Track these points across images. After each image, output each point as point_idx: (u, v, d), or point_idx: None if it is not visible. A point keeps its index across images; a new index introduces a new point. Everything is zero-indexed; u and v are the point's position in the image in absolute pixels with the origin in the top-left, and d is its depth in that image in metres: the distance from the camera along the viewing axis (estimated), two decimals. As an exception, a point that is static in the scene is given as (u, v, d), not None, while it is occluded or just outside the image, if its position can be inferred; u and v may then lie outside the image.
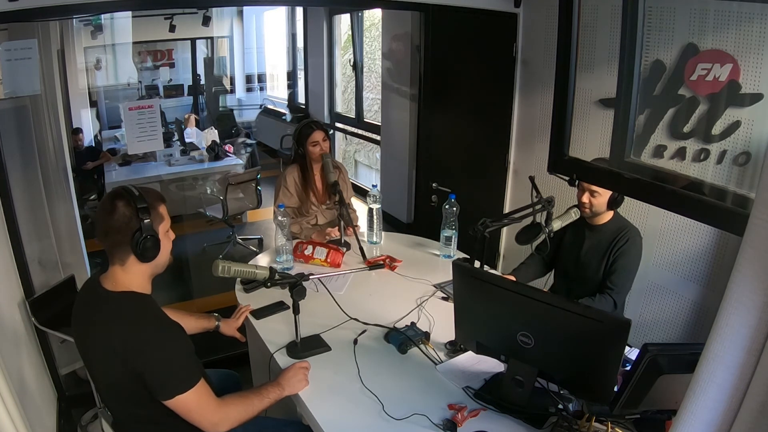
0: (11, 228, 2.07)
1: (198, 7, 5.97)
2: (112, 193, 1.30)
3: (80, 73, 5.92)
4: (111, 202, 1.28)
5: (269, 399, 1.44)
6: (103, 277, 1.35)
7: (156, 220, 1.31)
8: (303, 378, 1.50)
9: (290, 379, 1.48)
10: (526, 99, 2.87)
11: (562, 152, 1.69)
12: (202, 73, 7.60)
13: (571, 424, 1.29)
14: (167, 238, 1.37)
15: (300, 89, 7.27)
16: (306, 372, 1.52)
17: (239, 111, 7.85)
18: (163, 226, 1.35)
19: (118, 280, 1.33)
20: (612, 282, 1.99)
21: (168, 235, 1.38)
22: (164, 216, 1.36)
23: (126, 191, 1.29)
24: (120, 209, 1.26)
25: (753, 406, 0.73)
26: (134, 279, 1.33)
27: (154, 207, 1.31)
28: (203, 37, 7.37)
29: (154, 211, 1.31)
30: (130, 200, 1.27)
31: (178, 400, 1.27)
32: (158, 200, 1.35)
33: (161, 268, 1.39)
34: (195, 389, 1.29)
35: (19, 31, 2.43)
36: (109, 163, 5.15)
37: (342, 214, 2.39)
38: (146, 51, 7.24)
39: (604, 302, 1.97)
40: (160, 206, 1.35)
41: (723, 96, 1.83)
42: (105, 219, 1.27)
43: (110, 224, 1.27)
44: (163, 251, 1.35)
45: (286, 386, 1.47)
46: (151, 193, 1.34)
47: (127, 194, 1.28)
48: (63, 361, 2.46)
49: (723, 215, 1.28)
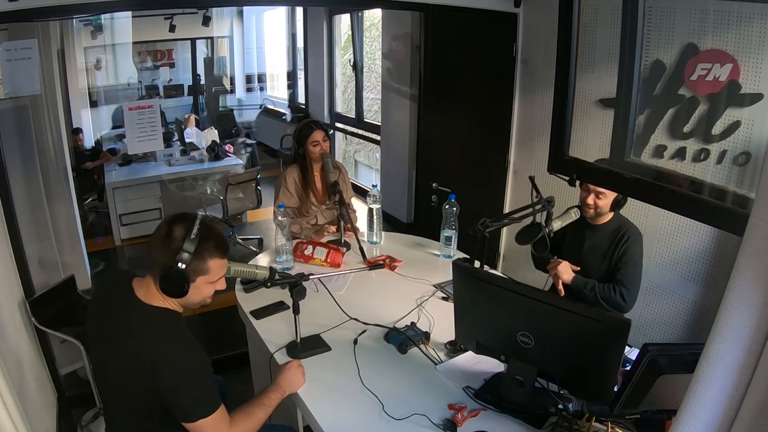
0: (11, 228, 2.07)
1: (198, 7, 5.97)
2: (181, 215, 1.26)
3: (80, 73, 5.93)
4: (172, 222, 1.24)
5: (271, 406, 1.44)
6: (137, 282, 1.32)
7: (197, 269, 1.25)
8: (300, 374, 1.50)
9: (289, 378, 1.48)
10: (526, 99, 2.87)
11: (562, 152, 1.70)
12: (202, 73, 7.60)
13: (571, 424, 1.29)
14: (206, 287, 1.31)
15: (300, 89, 7.27)
16: (302, 368, 1.52)
17: (239, 111, 7.86)
18: (205, 278, 1.28)
19: (152, 293, 1.29)
20: (619, 279, 1.98)
21: (210, 285, 1.32)
22: (211, 270, 1.28)
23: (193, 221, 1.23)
24: (175, 234, 1.22)
25: (753, 406, 0.73)
26: (163, 299, 1.30)
27: (203, 257, 1.24)
28: (203, 37, 7.37)
29: (200, 261, 1.25)
30: (187, 234, 1.21)
31: (199, 424, 1.25)
32: (217, 252, 1.27)
33: (191, 305, 1.36)
34: (216, 414, 1.27)
35: (19, 31, 2.43)
36: (109, 163, 5.15)
37: (342, 214, 2.39)
38: (146, 51, 7.24)
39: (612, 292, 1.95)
40: (212, 260, 1.27)
41: (723, 96, 1.83)
42: (159, 231, 1.25)
43: (159, 239, 1.24)
44: (192, 297, 1.30)
45: (286, 387, 1.47)
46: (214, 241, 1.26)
47: (189, 225, 1.23)
48: (63, 361, 2.46)
49: (723, 215, 1.28)
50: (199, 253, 1.24)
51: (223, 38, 7.79)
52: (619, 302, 1.96)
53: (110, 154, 5.37)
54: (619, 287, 1.96)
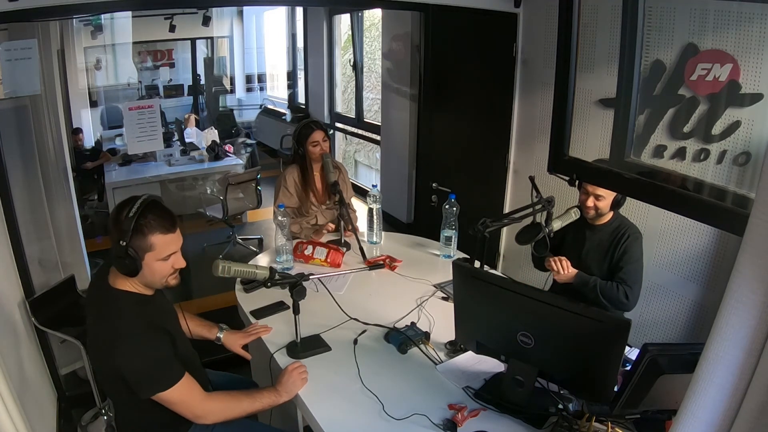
0: (11, 228, 2.07)
1: (198, 7, 5.97)
2: (133, 197, 1.32)
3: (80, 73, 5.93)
4: (121, 205, 1.31)
5: (261, 402, 1.45)
6: (112, 270, 1.40)
7: (141, 246, 1.30)
8: (298, 379, 1.49)
9: (285, 383, 1.47)
10: (526, 99, 2.87)
11: (562, 152, 1.70)
12: (202, 73, 7.61)
13: (571, 424, 1.29)
14: (161, 265, 1.35)
15: (300, 89, 7.27)
16: (300, 371, 1.51)
17: (239, 111, 7.86)
18: (153, 255, 1.32)
19: (117, 277, 1.38)
20: (621, 277, 1.98)
21: (164, 262, 1.35)
22: (155, 246, 1.32)
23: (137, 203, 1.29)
24: (122, 214, 1.28)
25: (753, 406, 0.73)
26: (126, 281, 1.37)
27: (143, 233, 1.29)
28: (203, 37, 7.37)
29: (142, 238, 1.29)
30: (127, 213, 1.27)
31: (158, 397, 1.32)
32: (160, 229, 1.31)
33: (156, 284, 1.41)
34: (175, 388, 1.32)
35: (19, 31, 2.43)
36: (109, 163, 5.15)
37: (342, 214, 2.39)
38: (146, 51, 7.24)
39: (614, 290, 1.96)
40: (155, 236, 1.31)
41: (723, 96, 1.83)
42: (112, 213, 1.32)
43: (112, 220, 1.31)
44: (149, 273, 1.34)
45: (282, 391, 1.46)
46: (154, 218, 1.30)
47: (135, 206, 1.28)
48: (63, 361, 2.46)
49: (723, 215, 1.28)
50: (138, 230, 1.28)
51: (223, 38, 7.80)
52: (622, 300, 1.96)
53: (110, 154, 5.37)
54: (623, 286, 1.96)
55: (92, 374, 2.24)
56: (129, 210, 1.28)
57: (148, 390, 1.31)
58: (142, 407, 1.36)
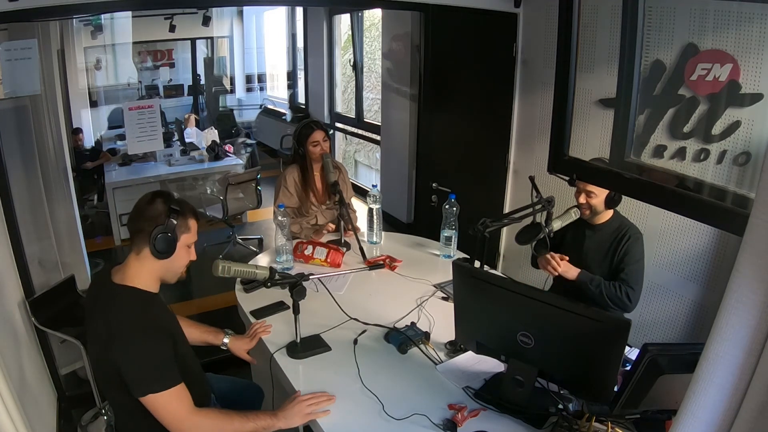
0: (11, 228, 2.07)
1: (198, 7, 5.98)
2: (156, 191, 1.43)
3: (80, 73, 5.94)
4: (153, 196, 1.40)
5: (255, 423, 1.36)
6: (115, 269, 1.42)
7: (181, 226, 1.40)
8: (303, 410, 1.38)
9: (288, 410, 1.39)
10: (526, 99, 2.87)
11: (562, 152, 1.69)
12: (202, 73, 7.61)
13: (571, 424, 1.29)
14: (186, 251, 1.44)
15: (300, 89, 7.27)
16: (309, 404, 1.40)
17: (239, 111, 7.87)
18: (187, 237, 1.43)
19: (128, 271, 1.38)
20: (623, 278, 1.97)
21: (188, 249, 1.45)
22: (191, 229, 1.44)
23: (169, 194, 1.42)
24: (157, 203, 1.37)
25: (753, 406, 0.74)
26: (143, 273, 1.39)
27: (185, 216, 1.41)
28: (203, 37, 7.38)
29: (183, 219, 1.41)
30: (168, 201, 1.39)
31: (148, 399, 1.29)
32: (192, 214, 1.45)
33: (171, 276, 1.45)
34: (168, 392, 1.29)
35: (19, 31, 2.44)
36: (109, 163, 5.15)
37: (342, 214, 2.39)
38: (146, 51, 7.25)
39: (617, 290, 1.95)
40: (191, 220, 1.44)
41: (723, 96, 1.83)
42: (140, 206, 1.38)
43: (142, 212, 1.37)
44: (176, 258, 1.41)
45: (280, 416, 1.38)
46: (188, 206, 1.44)
47: (168, 196, 1.41)
48: (63, 361, 2.46)
49: (723, 215, 1.28)
50: (182, 212, 1.40)
51: (223, 38, 7.80)
52: (624, 301, 1.96)
53: (110, 154, 5.37)
54: (625, 287, 1.96)
55: (92, 374, 2.23)
56: (169, 198, 1.39)
57: (142, 388, 1.28)
58: (139, 414, 1.34)
